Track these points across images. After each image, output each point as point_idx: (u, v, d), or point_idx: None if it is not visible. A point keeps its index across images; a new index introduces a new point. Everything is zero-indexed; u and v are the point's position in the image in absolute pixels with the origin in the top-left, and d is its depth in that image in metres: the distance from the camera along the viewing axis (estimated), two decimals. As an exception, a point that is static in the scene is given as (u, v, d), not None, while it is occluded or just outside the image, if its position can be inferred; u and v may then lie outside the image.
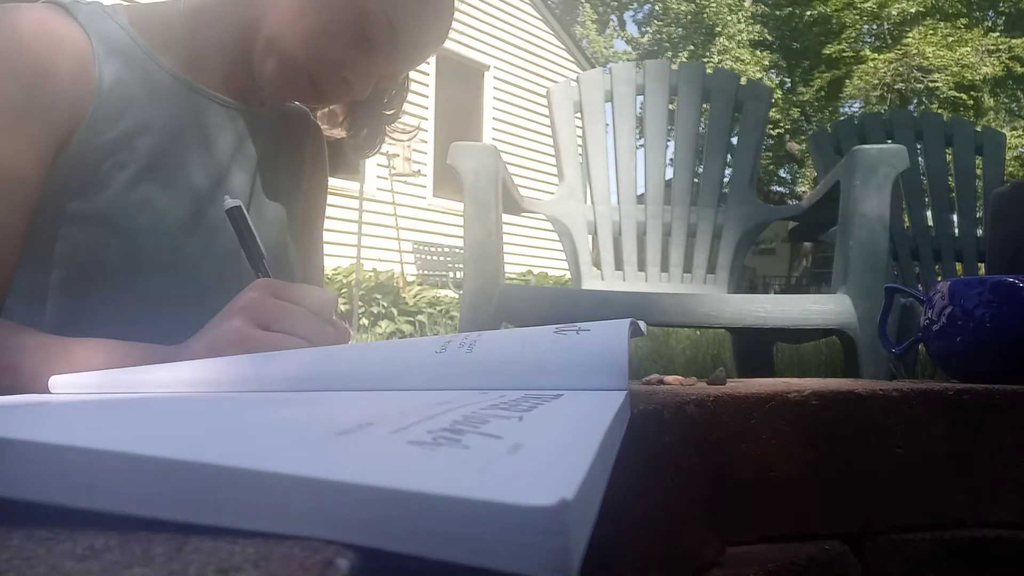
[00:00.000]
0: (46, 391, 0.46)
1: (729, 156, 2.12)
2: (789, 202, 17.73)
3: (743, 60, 17.75)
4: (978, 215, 2.57)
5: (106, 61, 0.72)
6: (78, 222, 0.69)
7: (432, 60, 8.52)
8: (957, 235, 2.48)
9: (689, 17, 19.28)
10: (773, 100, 8.40)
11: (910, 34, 16.84)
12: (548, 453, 0.21)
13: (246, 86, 0.83)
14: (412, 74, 0.93)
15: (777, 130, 18.00)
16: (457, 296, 6.26)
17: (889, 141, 2.53)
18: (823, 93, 18.14)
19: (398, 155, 7.51)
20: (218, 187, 0.78)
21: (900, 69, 16.30)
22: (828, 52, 17.68)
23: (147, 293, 0.71)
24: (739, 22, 18.56)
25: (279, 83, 0.77)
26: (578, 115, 2.08)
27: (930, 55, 16.08)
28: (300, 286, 0.64)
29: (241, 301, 0.61)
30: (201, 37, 0.79)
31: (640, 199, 2.06)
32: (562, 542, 0.16)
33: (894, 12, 16.99)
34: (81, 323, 0.69)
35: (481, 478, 0.18)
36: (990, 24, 18.01)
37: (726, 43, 18.32)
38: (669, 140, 2.11)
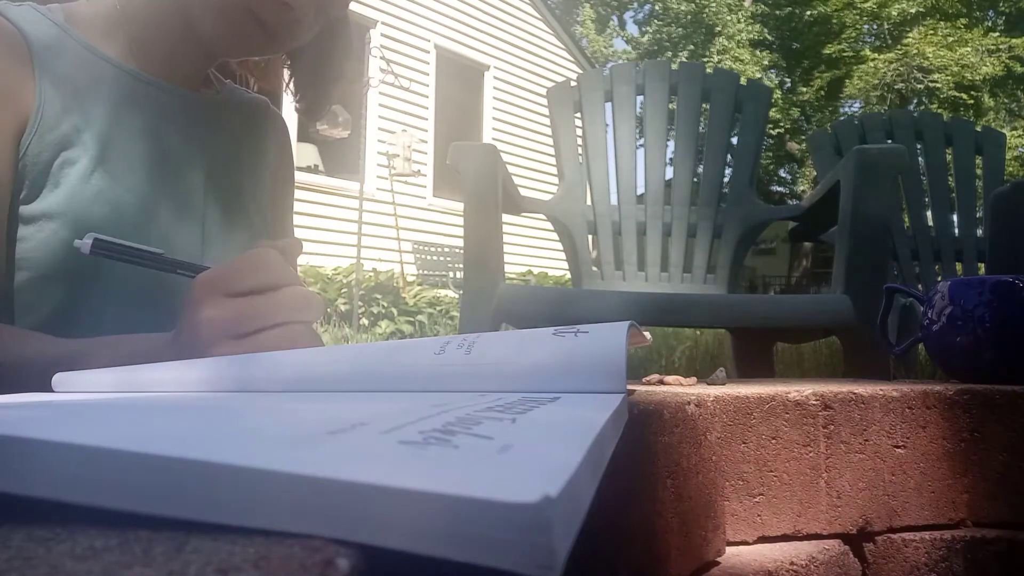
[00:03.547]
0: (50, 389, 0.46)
1: (729, 156, 2.12)
2: (789, 202, 17.73)
3: (743, 60, 17.74)
4: (978, 215, 2.57)
5: (44, 60, 0.72)
6: (35, 223, 0.70)
7: (432, 60, 8.52)
8: (957, 235, 2.48)
9: (689, 17, 19.27)
10: (773, 100, 8.39)
11: (910, 34, 16.85)
12: (537, 453, 0.21)
13: (196, 72, 0.83)
14: (412, 74, 0.93)
15: (777, 130, 18.00)
16: (457, 296, 6.26)
17: (889, 141, 2.53)
18: (823, 93, 18.15)
19: (398, 155, 7.51)
20: (174, 174, 0.78)
21: (900, 69, 16.30)
22: (828, 52, 17.69)
23: (110, 286, 0.71)
24: (739, 22, 18.56)
25: (226, 35, 0.75)
26: (578, 115, 2.08)
27: (930, 55, 16.09)
28: (242, 266, 0.55)
29: (198, 325, 0.53)
30: (138, 24, 0.78)
31: (640, 199, 2.06)
32: (546, 538, 0.16)
33: (894, 12, 16.99)
34: (50, 320, 0.70)
35: (467, 476, 0.18)
36: (990, 24, 18.01)
37: (726, 43, 18.32)
38: (669, 140, 2.10)
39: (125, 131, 0.75)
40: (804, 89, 18.49)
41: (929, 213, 2.51)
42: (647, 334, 0.50)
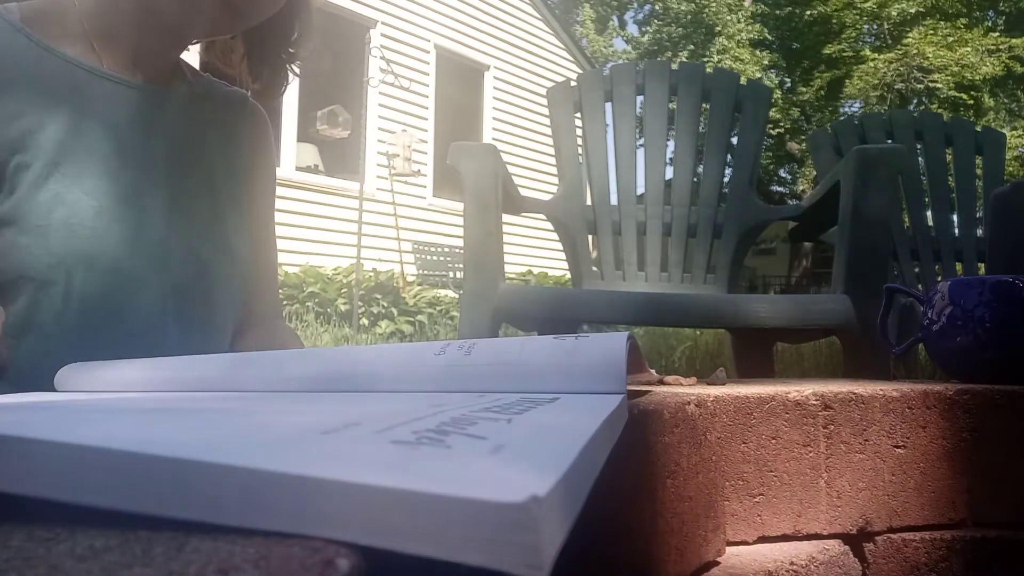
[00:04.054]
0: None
1: (729, 156, 2.12)
2: (789, 202, 17.73)
3: (743, 60, 17.74)
4: (978, 215, 2.57)
5: None
6: None
7: (432, 60, 8.52)
8: (957, 235, 2.48)
9: (689, 17, 19.26)
10: (773, 100, 8.39)
11: (910, 34, 16.84)
12: (529, 453, 0.21)
13: (163, 63, 0.81)
14: (412, 74, 0.93)
15: (777, 130, 18.00)
16: (457, 296, 6.25)
17: (889, 141, 2.53)
18: (823, 93, 18.14)
19: (398, 155, 7.51)
20: (137, 173, 0.76)
21: (900, 69, 16.29)
22: (828, 52, 17.68)
23: (71, 289, 0.70)
24: (739, 22, 18.56)
25: (189, 13, 0.74)
26: (578, 115, 2.08)
27: (930, 55, 16.08)
28: None
29: None
30: (96, 17, 0.77)
31: (640, 199, 2.06)
32: (533, 538, 0.16)
33: (894, 12, 16.99)
34: (15, 324, 0.69)
35: (457, 476, 0.18)
36: (990, 24, 18.00)
37: (726, 43, 18.32)
38: (669, 140, 2.10)
39: (84, 132, 0.73)
40: (804, 89, 18.48)
41: (929, 213, 2.51)
42: (653, 371, 0.50)
